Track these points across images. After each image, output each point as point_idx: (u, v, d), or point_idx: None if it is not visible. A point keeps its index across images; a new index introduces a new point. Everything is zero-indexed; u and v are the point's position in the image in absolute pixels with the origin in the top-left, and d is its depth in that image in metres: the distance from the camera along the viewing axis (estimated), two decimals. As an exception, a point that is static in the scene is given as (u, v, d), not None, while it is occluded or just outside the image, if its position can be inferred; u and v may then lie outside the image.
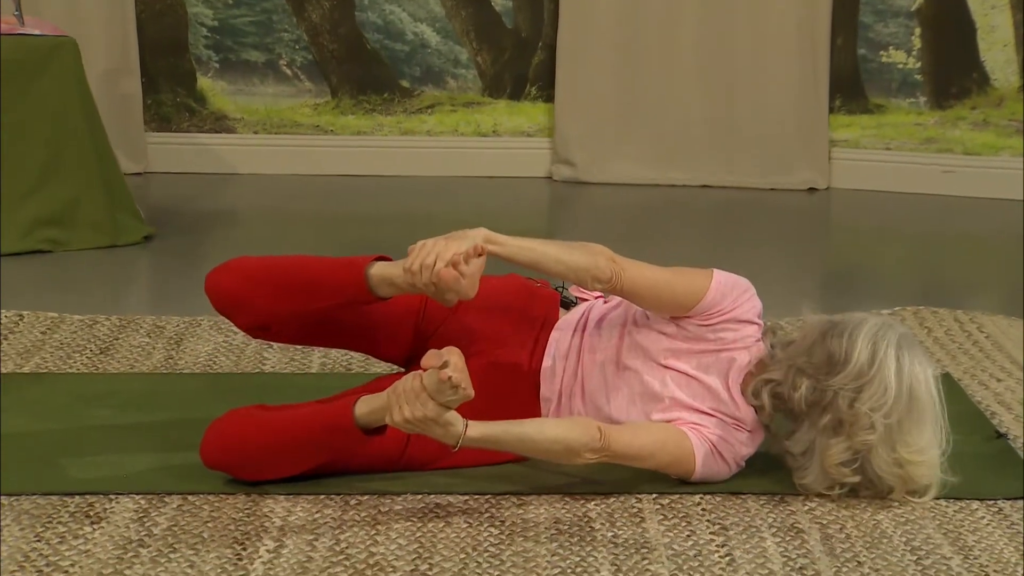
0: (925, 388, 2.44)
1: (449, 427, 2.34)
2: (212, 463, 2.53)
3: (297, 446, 2.49)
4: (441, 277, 2.39)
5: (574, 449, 2.44)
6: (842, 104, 5.57)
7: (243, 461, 2.51)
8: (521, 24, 5.64)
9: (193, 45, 5.58)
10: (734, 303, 2.57)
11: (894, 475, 2.46)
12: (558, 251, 2.51)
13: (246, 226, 4.89)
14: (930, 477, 2.47)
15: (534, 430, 2.44)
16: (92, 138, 4.34)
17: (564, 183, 5.55)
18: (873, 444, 2.43)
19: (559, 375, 2.63)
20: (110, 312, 3.58)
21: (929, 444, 2.45)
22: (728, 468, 2.55)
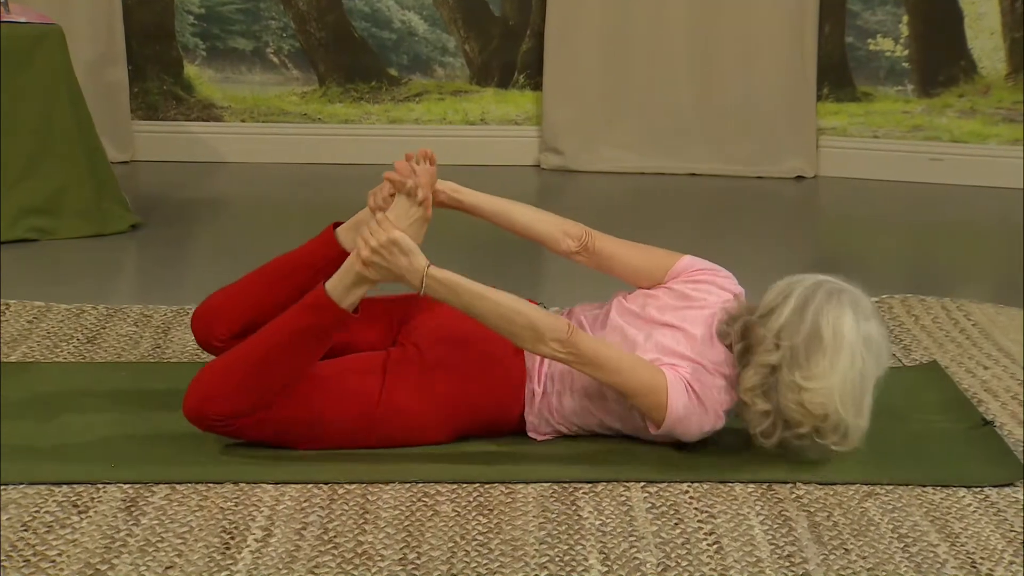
0: (833, 326, 2.47)
1: (412, 256, 2.47)
2: (201, 411, 2.52)
3: (280, 349, 2.51)
4: (396, 167, 2.56)
5: (539, 331, 2.47)
6: (830, 92, 5.57)
7: (232, 391, 2.50)
8: (509, 12, 5.63)
9: (180, 33, 5.56)
10: (714, 271, 2.68)
11: (793, 401, 2.48)
12: (526, 207, 2.69)
13: (233, 215, 4.88)
14: (825, 407, 2.47)
15: (503, 295, 2.51)
16: (78, 127, 4.32)
17: (552, 171, 5.55)
18: (772, 364, 2.49)
19: None
20: (97, 301, 3.57)
21: (825, 374, 2.46)
22: (704, 412, 2.54)
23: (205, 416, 2.53)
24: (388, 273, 2.50)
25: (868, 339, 2.48)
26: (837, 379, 2.47)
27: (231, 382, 2.52)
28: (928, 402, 2.96)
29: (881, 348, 2.51)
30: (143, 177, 5.31)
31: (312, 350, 2.55)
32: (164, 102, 5.58)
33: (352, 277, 2.52)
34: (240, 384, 2.52)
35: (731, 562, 2.25)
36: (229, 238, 4.55)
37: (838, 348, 2.46)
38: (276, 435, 2.59)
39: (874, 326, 2.51)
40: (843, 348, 2.46)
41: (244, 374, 2.52)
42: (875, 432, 2.78)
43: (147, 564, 2.19)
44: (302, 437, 2.59)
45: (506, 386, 2.63)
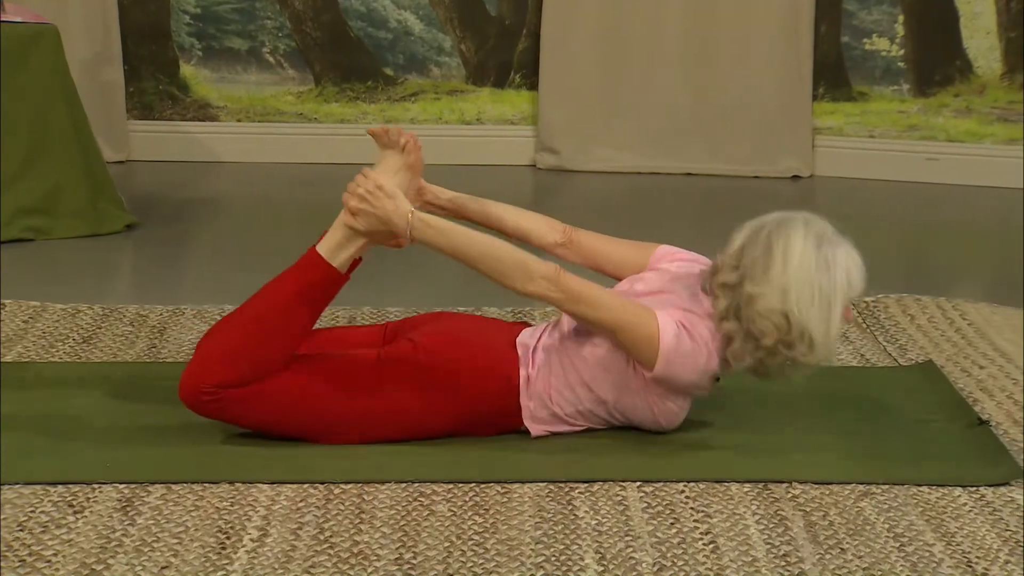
0: (785, 239, 2.53)
1: (397, 199, 2.52)
2: (195, 382, 2.53)
3: (273, 313, 2.54)
4: (371, 133, 2.63)
5: (528, 269, 2.52)
6: (826, 92, 5.58)
7: (226, 358, 2.52)
8: (505, 12, 5.63)
9: (176, 32, 5.56)
10: (695, 256, 2.75)
11: (753, 312, 2.52)
12: (509, 206, 2.76)
13: (229, 215, 4.88)
14: (783, 307, 2.50)
15: (489, 236, 2.56)
16: (74, 126, 4.32)
17: (548, 171, 5.55)
18: (731, 283, 2.54)
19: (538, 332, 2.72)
20: (93, 301, 3.57)
21: (777, 277, 2.50)
22: (697, 348, 2.55)
23: (199, 386, 2.54)
24: (375, 221, 2.54)
25: (830, 261, 2.52)
26: (790, 280, 2.51)
27: (225, 348, 2.54)
28: (924, 402, 2.96)
29: (850, 268, 2.55)
30: (139, 177, 5.30)
31: (305, 313, 2.57)
32: (160, 102, 5.58)
33: (341, 232, 2.57)
34: (234, 350, 2.54)
35: (727, 561, 2.25)
36: (225, 238, 4.55)
37: (788, 256, 2.52)
38: (266, 416, 2.58)
39: (839, 251, 2.55)
40: (793, 255, 2.51)
41: (238, 339, 2.54)
42: (871, 431, 2.79)
43: (143, 564, 2.19)
44: (292, 422, 2.59)
45: (500, 373, 2.64)
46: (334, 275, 2.57)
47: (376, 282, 3.85)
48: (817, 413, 2.89)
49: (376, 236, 2.59)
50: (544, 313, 3.51)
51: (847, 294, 2.55)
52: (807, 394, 3.00)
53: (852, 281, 2.55)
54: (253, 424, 2.61)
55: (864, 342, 3.40)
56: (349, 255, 2.58)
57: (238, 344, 2.55)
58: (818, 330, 2.52)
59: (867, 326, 3.52)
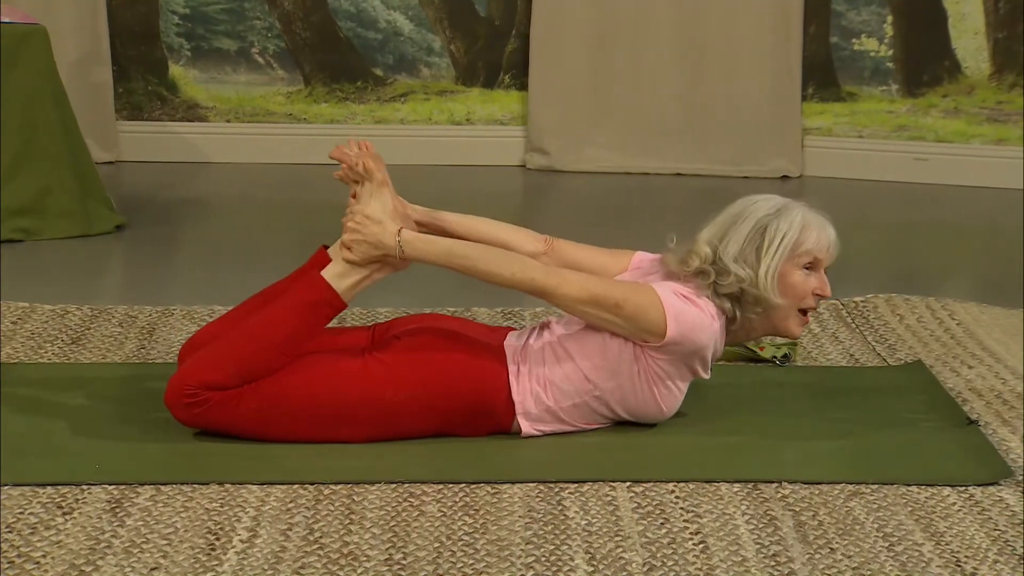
0: (745, 203, 2.71)
1: (384, 223, 2.62)
2: (182, 381, 2.56)
3: (273, 328, 2.60)
4: (337, 157, 2.71)
5: (521, 258, 2.63)
6: (815, 92, 5.59)
7: (219, 363, 2.56)
8: (494, 12, 5.63)
9: (164, 33, 5.55)
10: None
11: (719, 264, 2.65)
12: (491, 220, 2.82)
13: (219, 215, 4.88)
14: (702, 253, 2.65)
15: (475, 243, 2.70)
16: (63, 127, 4.31)
17: (538, 171, 5.55)
18: (702, 239, 2.69)
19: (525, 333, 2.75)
20: (81, 302, 3.56)
21: (736, 238, 2.65)
22: (700, 311, 2.60)
23: (184, 386, 2.56)
24: (368, 248, 2.63)
25: (782, 209, 2.68)
26: (726, 215, 2.70)
27: (219, 354, 2.59)
28: (913, 401, 2.97)
29: (792, 213, 2.68)
30: (128, 177, 5.29)
31: (302, 331, 2.63)
32: (149, 102, 5.57)
33: (340, 266, 2.66)
34: (228, 357, 2.58)
35: (717, 561, 2.25)
36: (214, 239, 4.54)
37: (744, 223, 2.68)
38: (250, 420, 2.59)
39: (793, 206, 2.70)
40: (740, 219, 2.69)
41: (234, 349, 2.59)
42: (860, 431, 2.80)
43: (132, 565, 2.19)
44: (277, 425, 2.60)
45: (487, 371, 2.64)
46: (335, 300, 2.65)
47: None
48: (806, 413, 2.90)
49: (376, 264, 2.66)
50: (534, 314, 3.52)
51: (795, 238, 2.65)
52: (797, 394, 3.01)
53: (795, 223, 2.66)
54: (236, 428, 2.61)
55: (853, 342, 3.41)
56: (350, 284, 2.65)
57: (232, 354, 2.59)
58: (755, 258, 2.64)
59: (856, 326, 3.53)
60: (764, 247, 2.64)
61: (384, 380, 2.61)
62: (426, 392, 2.62)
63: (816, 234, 2.68)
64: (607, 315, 2.59)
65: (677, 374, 2.66)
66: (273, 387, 2.59)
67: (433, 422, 2.65)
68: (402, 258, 2.64)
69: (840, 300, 3.70)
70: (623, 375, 2.64)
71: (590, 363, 2.64)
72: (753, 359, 3.23)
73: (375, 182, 2.68)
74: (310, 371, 2.61)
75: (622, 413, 2.69)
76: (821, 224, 2.71)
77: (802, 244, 2.67)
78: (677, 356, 2.62)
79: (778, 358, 3.22)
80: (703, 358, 2.65)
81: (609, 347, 2.63)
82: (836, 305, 3.67)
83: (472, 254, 2.62)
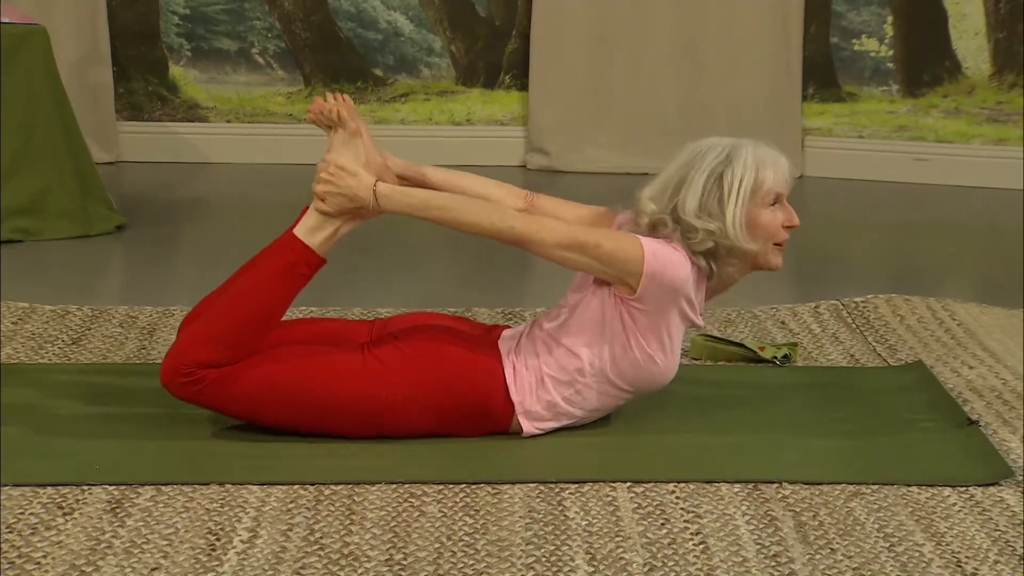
0: (690, 154, 2.67)
1: (359, 175, 2.61)
2: (175, 361, 2.56)
3: (252, 293, 2.60)
4: (311, 110, 2.72)
5: (499, 206, 2.64)
6: (815, 92, 5.59)
7: (206, 338, 2.56)
8: (495, 12, 5.63)
9: (165, 33, 5.55)
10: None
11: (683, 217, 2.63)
12: (472, 175, 2.83)
13: (219, 215, 4.88)
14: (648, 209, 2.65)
15: (452, 194, 2.70)
16: (63, 127, 4.31)
17: (538, 171, 5.55)
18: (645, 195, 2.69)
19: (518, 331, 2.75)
20: (82, 302, 3.56)
21: (693, 193, 2.62)
22: (674, 250, 2.59)
23: (177, 367, 2.56)
24: (342, 200, 2.62)
25: (730, 152, 2.63)
26: (671, 169, 2.69)
27: (203, 330, 2.59)
28: (913, 402, 2.97)
29: (743, 154, 2.64)
30: (128, 178, 5.29)
31: (282, 293, 2.63)
32: (149, 103, 5.57)
33: (313, 218, 2.65)
34: (212, 331, 2.58)
35: (717, 562, 2.25)
36: (215, 239, 4.54)
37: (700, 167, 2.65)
38: (245, 402, 2.59)
39: (740, 146, 2.65)
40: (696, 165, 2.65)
41: (216, 321, 2.59)
42: (861, 432, 2.79)
43: (132, 566, 2.19)
44: (271, 409, 2.60)
45: (484, 369, 2.64)
46: (311, 257, 2.64)
47: (365, 284, 3.85)
48: (807, 413, 2.90)
49: (348, 215, 2.65)
50: (534, 314, 3.51)
51: (752, 179, 2.62)
52: (797, 394, 3.01)
53: (756, 164, 2.63)
54: (232, 409, 2.61)
55: (854, 342, 3.41)
56: (325, 236, 2.64)
57: (217, 326, 2.59)
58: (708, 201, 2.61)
59: (857, 326, 3.53)
60: (725, 197, 2.61)
61: (380, 378, 2.61)
62: (422, 392, 2.62)
63: (772, 171, 2.65)
64: (586, 258, 2.58)
65: (665, 324, 2.62)
66: (269, 373, 2.59)
67: (429, 422, 2.65)
68: (378, 210, 2.62)
69: (840, 300, 3.70)
70: (613, 341, 2.62)
71: (578, 339, 2.63)
72: (753, 359, 3.23)
73: (348, 130, 2.67)
74: (307, 362, 2.61)
75: (622, 384, 2.66)
76: (774, 159, 2.67)
77: (762, 184, 2.63)
78: (660, 299, 2.59)
79: (778, 358, 3.22)
80: (688, 297, 2.61)
81: (593, 318, 2.62)
82: (836, 305, 3.67)
83: (450, 204, 2.61)
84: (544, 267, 4.11)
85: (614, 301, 2.61)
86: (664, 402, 2.85)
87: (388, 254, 4.21)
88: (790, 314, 3.61)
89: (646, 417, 2.80)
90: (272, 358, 2.60)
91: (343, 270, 3.81)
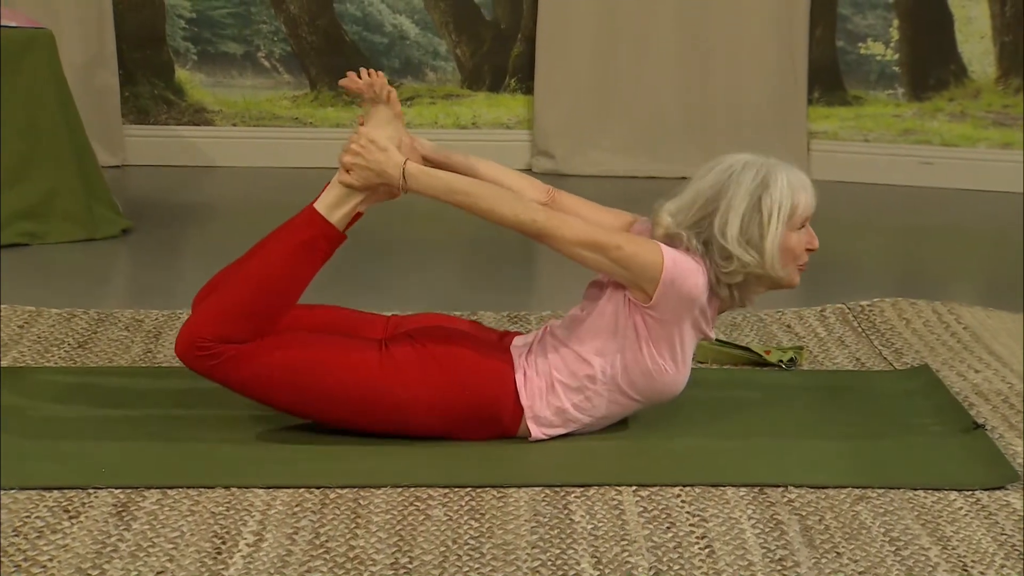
0: (721, 176, 2.61)
1: (390, 151, 2.59)
2: (192, 334, 2.55)
3: (271, 268, 2.58)
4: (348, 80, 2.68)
5: (521, 197, 2.62)
6: (820, 96, 5.58)
7: (224, 312, 2.55)
8: (500, 16, 5.63)
9: (171, 37, 5.56)
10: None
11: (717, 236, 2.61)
12: (493, 163, 2.80)
13: (224, 219, 4.88)
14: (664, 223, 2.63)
15: (479, 180, 2.65)
16: (69, 131, 4.32)
17: (544, 175, 5.55)
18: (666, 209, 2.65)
19: (530, 337, 2.74)
20: (88, 306, 3.57)
21: (734, 217, 2.58)
22: (688, 259, 2.58)
23: (195, 340, 2.55)
24: (370, 174, 2.60)
25: (768, 180, 2.60)
26: (701, 190, 2.61)
27: (222, 304, 2.57)
28: (919, 406, 2.96)
29: (791, 181, 2.62)
30: (134, 181, 5.30)
31: (303, 270, 2.61)
32: (155, 106, 5.58)
33: (338, 190, 2.63)
34: (231, 306, 2.57)
35: (723, 566, 2.25)
36: (220, 242, 4.54)
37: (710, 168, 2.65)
38: (260, 381, 2.58)
39: (779, 173, 2.61)
40: (742, 185, 2.60)
41: (235, 296, 2.58)
42: (866, 435, 2.79)
43: (138, 569, 2.19)
44: (285, 391, 2.59)
45: (495, 373, 2.64)
46: (331, 232, 2.62)
47: (373, 288, 3.85)
48: (812, 417, 2.89)
49: (373, 190, 2.63)
50: (541, 317, 3.51)
51: (789, 202, 2.61)
52: (803, 398, 3.01)
53: (791, 189, 2.61)
54: (244, 388, 2.60)
55: (860, 346, 3.40)
56: (346, 212, 2.62)
57: (235, 300, 2.57)
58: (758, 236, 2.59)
59: (863, 330, 3.52)
60: (764, 222, 2.59)
61: (394, 377, 2.60)
62: (434, 393, 2.62)
63: (805, 195, 2.64)
64: (606, 259, 2.57)
65: (678, 334, 2.62)
66: (286, 357, 2.58)
67: (438, 423, 2.65)
68: (404, 189, 2.60)
69: (846, 304, 3.70)
70: (626, 349, 2.62)
71: (590, 346, 2.63)
72: (759, 363, 3.23)
73: (392, 110, 2.65)
74: (325, 352, 2.59)
75: (632, 392, 2.66)
76: (804, 183, 2.66)
77: (797, 208, 2.63)
78: (675, 308, 2.58)
79: (784, 362, 3.22)
80: (702, 308, 2.61)
81: (606, 325, 2.62)
82: (842, 309, 3.67)
83: (474, 191, 2.59)
84: (550, 271, 4.11)
85: (628, 309, 2.61)
86: (670, 406, 2.84)
87: (394, 258, 4.21)
88: (796, 318, 3.61)
89: (652, 421, 2.80)
90: (291, 342, 2.59)
91: (349, 274, 3.81)
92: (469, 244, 4.29)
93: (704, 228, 2.61)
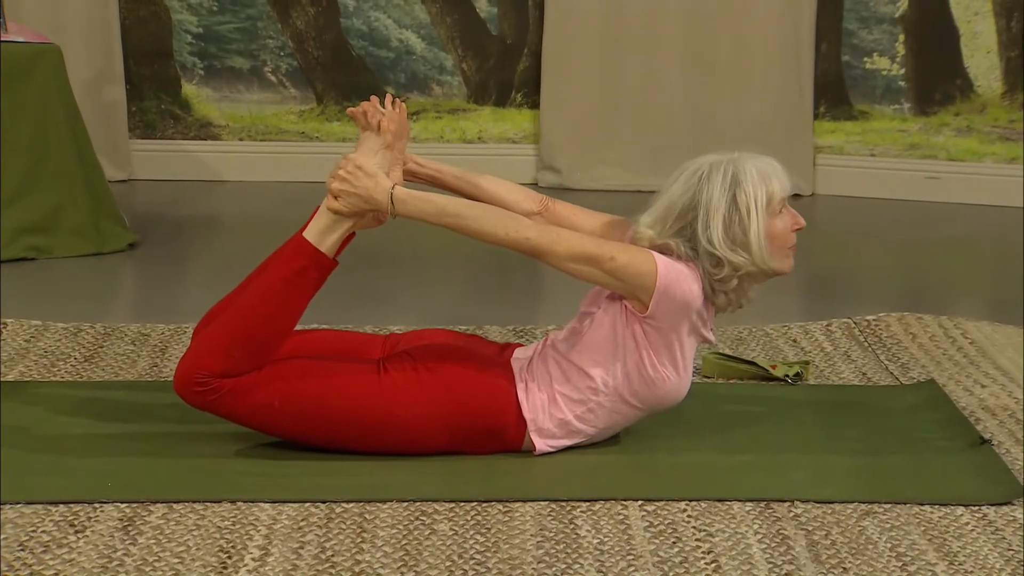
0: (690, 183, 2.64)
1: (377, 177, 2.58)
2: (189, 371, 2.55)
3: (263, 299, 2.57)
4: (362, 106, 2.66)
5: (514, 215, 2.60)
6: (826, 110, 5.59)
7: (219, 347, 2.55)
8: (506, 31, 5.64)
9: (178, 52, 5.57)
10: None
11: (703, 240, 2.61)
12: (488, 176, 2.80)
13: (231, 233, 4.89)
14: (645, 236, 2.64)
15: (468, 200, 2.66)
16: (76, 145, 4.33)
17: (549, 189, 5.56)
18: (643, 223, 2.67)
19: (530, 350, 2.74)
20: (94, 320, 3.57)
21: (715, 222, 2.59)
22: (683, 267, 2.58)
23: (192, 376, 2.55)
24: (357, 200, 2.59)
25: (734, 173, 2.60)
26: (672, 201, 2.65)
27: (217, 338, 2.57)
28: (926, 420, 2.96)
29: (746, 171, 2.61)
30: (141, 196, 5.31)
31: (295, 300, 2.60)
32: (162, 121, 5.59)
33: (326, 218, 2.62)
34: (226, 339, 2.56)
35: (729, 581, 2.25)
36: (227, 257, 4.55)
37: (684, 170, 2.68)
38: (261, 413, 2.58)
39: (739, 162, 2.61)
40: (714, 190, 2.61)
41: (229, 329, 2.57)
42: (873, 450, 2.79)
43: (144, 583, 2.19)
44: (287, 421, 2.59)
45: (496, 388, 2.64)
46: (322, 261, 2.61)
47: (376, 302, 3.86)
48: (818, 432, 2.89)
49: (361, 217, 2.62)
50: (547, 332, 3.51)
51: (764, 191, 2.60)
52: (809, 413, 3.00)
53: (762, 178, 2.60)
54: (246, 420, 2.61)
55: (866, 360, 3.40)
56: (336, 239, 2.62)
57: (230, 333, 2.57)
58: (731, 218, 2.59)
59: (868, 345, 3.52)
60: (744, 217, 2.59)
61: (394, 397, 2.61)
62: (435, 412, 2.62)
63: (777, 180, 2.63)
64: (600, 272, 2.57)
65: (677, 340, 2.61)
66: (286, 388, 2.58)
67: (442, 440, 2.65)
68: (393, 215, 2.60)
69: (852, 319, 3.69)
70: (626, 359, 2.62)
71: (590, 358, 2.63)
72: (765, 377, 3.23)
73: (383, 141, 2.64)
74: (325, 380, 2.60)
75: (635, 402, 2.65)
76: (773, 167, 2.64)
77: (773, 196, 2.62)
78: (672, 315, 2.58)
79: (790, 377, 3.22)
80: (699, 311, 2.61)
81: (605, 336, 2.62)
82: (848, 324, 3.67)
83: (465, 212, 2.58)
84: (555, 284, 4.11)
85: (626, 319, 2.61)
86: (676, 420, 2.84)
87: (399, 272, 4.21)
88: (802, 332, 3.61)
89: (657, 435, 2.80)
90: (289, 372, 2.60)
91: (353, 288, 3.82)
92: (474, 257, 4.30)
93: (688, 235, 2.61)
